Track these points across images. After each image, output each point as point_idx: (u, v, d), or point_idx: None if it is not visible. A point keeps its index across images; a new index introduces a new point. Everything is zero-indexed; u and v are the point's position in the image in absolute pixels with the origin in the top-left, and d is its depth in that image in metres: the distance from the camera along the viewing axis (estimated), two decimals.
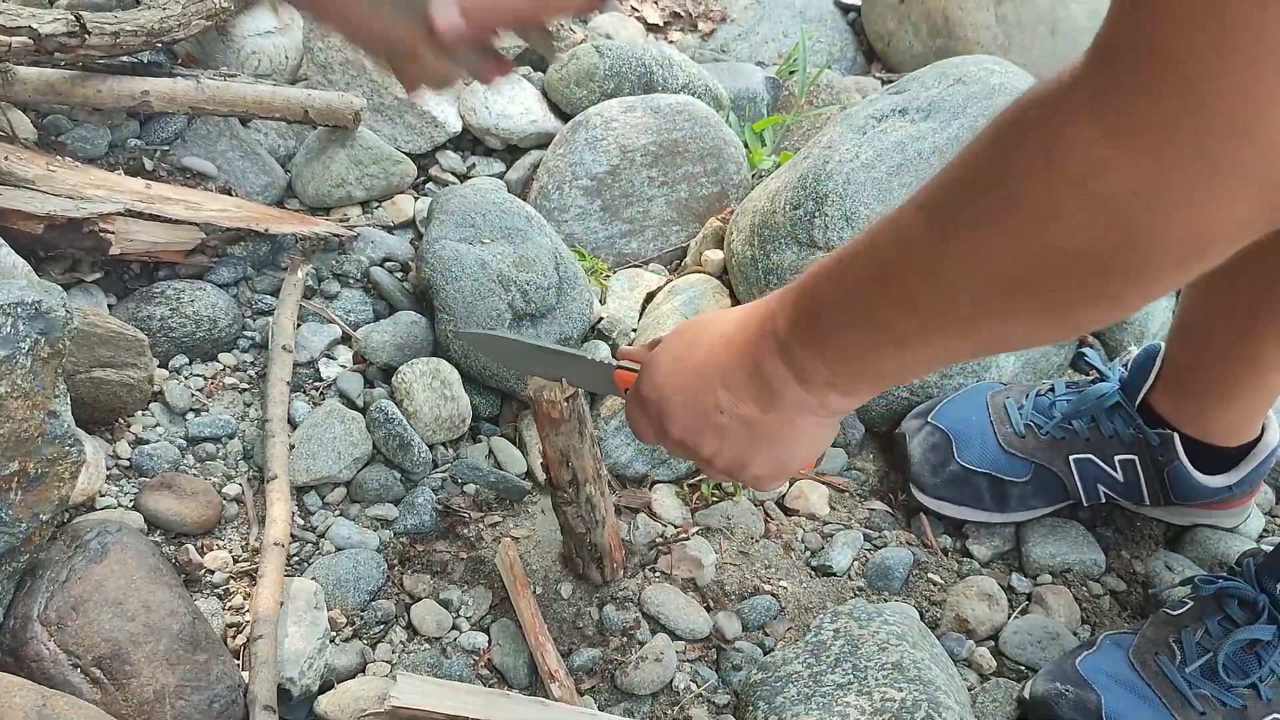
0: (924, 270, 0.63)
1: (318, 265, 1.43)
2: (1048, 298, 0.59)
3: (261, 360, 1.33)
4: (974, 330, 0.65)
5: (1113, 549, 1.38)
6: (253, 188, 1.46)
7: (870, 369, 0.72)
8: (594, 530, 1.13)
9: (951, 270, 0.62)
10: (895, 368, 0.71)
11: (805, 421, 0.78)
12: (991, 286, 0.60)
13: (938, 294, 0.63)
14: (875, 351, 0.70)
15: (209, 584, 1.12)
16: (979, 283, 0.61)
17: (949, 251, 0.61)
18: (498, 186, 1.53)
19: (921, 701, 1.07)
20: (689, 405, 0.81)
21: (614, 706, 1.13)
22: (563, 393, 0.99)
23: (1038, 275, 0.58)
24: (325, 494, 1.24)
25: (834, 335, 0.71)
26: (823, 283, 0.71)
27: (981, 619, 1.25)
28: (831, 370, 0.72)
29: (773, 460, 0.82)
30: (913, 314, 0.65)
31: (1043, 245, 0.56)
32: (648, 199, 1.56)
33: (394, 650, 1.13)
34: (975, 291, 0.61)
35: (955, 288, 0.62)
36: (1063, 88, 0.53)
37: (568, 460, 1.05)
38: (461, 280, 1.33)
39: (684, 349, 0.83)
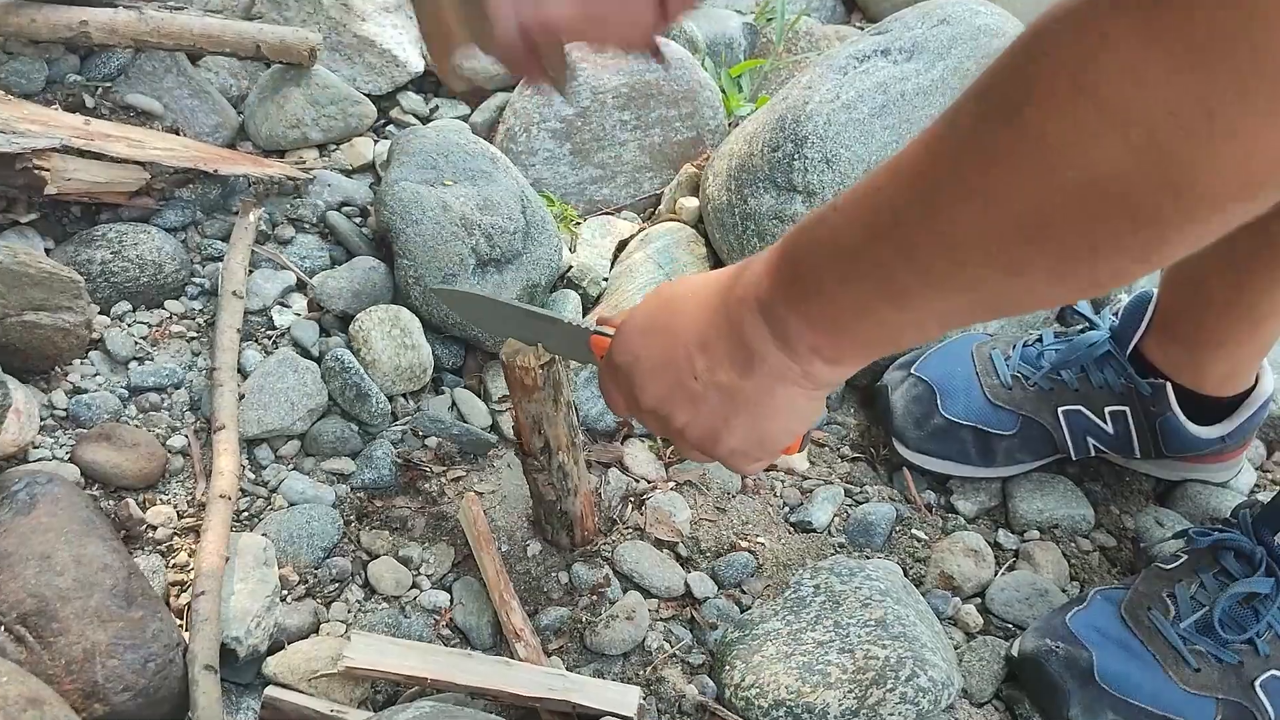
0: (927, 214, 0.55)
1: (271, 209, 1.35)
2: (1067, 247, 0.51)
3: (211, 308, 1.26)
4: (980, 285, 0.56)
5: (1101, 504, 1.33)
6: (202, 128, 1.38)
7: (860, 331, 0.64)
8: (565, 499, 1.07)
9: (959, 215, 0.53)
10: (886, 331, 0.63)
11: (787, 393, 0.70)
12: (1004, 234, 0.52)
13: (942, 242, 0.55)
14: (866, 311, 0.62)
15: (151, 540, 1.05)
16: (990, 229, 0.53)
17: (957, 193, 0.53)
18: (461, 128, 1.46)
19: (907, 659, 1.02)
20: (661, 371, 0.74)
21: (583, 667, 1.07)
22: (537, 359, 0.93)
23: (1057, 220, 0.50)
24: (278, 447, 1.17)
25: (821, 292, 0.63)
26: (811, 235, 0.64)
27: (968, 575, 1.20)
28: (817, 333, 0.65)
29: (751, 434, 0.74)
30: (912, 266, 0.57)
31: (1065, 184, 0.48)
32: (620, 143, 1.49)
33: (349, 610, 1.07)
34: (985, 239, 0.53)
35: (962, 235, 0.54)
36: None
37: (540, 428, 0.99)
38: (422, 223, 1.26)
39: (659, 311, 0.76)
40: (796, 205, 1.34)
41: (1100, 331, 1.27)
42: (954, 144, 0.54)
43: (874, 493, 1.30)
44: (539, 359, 0.93)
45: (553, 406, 0.97)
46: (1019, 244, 0.52)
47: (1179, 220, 0.47)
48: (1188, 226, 0.48)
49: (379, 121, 1.51)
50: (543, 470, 1.04)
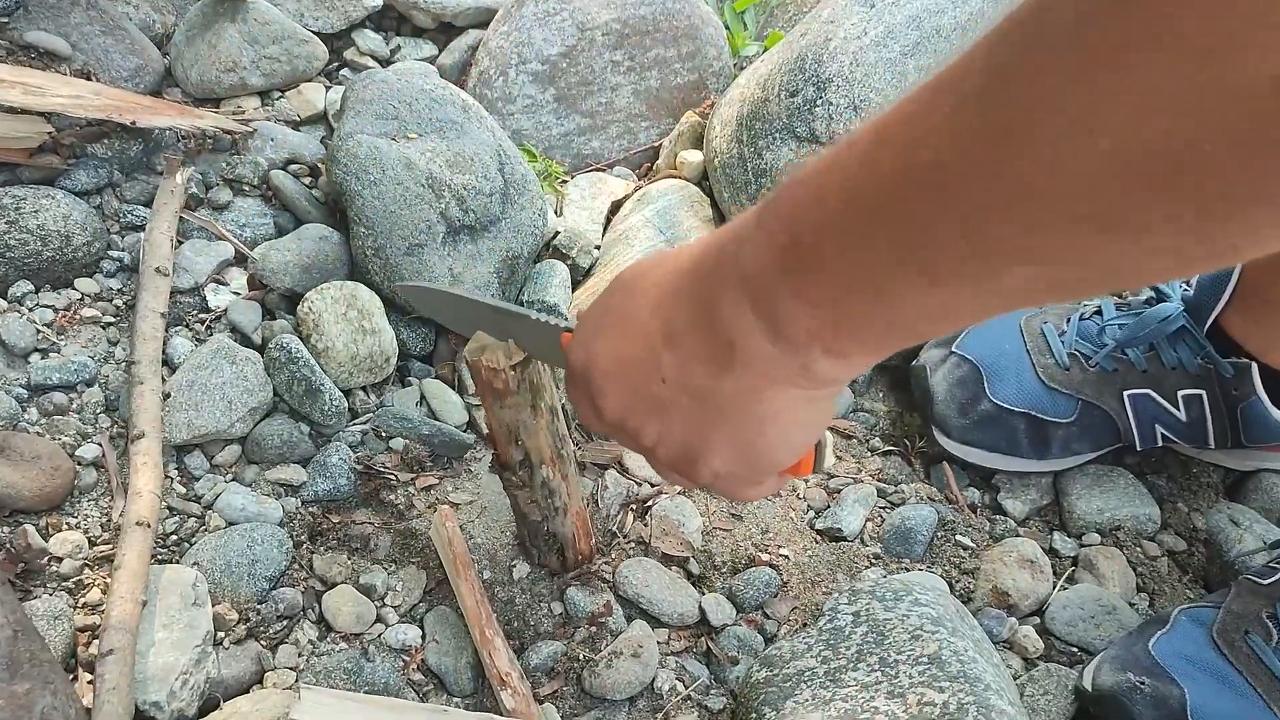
0: (992, 150, 0.37)
1: (203, 169, 1.15)
2: (1216, 177, 0.32)
3: (130, 287, 1.06)
4: (1057, 251, 0.37)
5: (1167, 501, 1.17)
6: (119, 72, 1.17)
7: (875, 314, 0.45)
8: (553, 518, 0.90)
9: (1042, 146, 0.35)
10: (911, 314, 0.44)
11: (779, 395, 0.52)
12: (1115, 170, 0.33)
13: (1011, 192, 0.36)
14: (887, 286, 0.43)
15: (55, 575, 0.87)
16: (1095, 165, 0.34)
17: (1045, 110, 0.35)
18: (428, 71, 1.26)
19: (969, 705, 0.85)
20: (621, 374, 0.57)
21: (582, 715, 0.90)
22: (508, 357, 0.74)
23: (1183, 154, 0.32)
24: (213, 454, 0.98)
25: (827, 260, 0.45)
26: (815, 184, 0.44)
27: (1024, 591, 1.04)
28: (819, 315, 0.47)
29: (736, 451, 0.55)
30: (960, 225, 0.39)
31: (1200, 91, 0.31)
32: (611, 88, 1.30)
33: (300, 653, 0.89)
34: (1081, 181, 0.34)
35: (1043, 178, 0.35)
36: None
37: (517, 438, 0.81)
38: (382, 184, 1.06)
39: (618, 297, 0.58)
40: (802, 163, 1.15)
41: (1172, 303, 1.10)
42: (1048, 36, 0.34)
43: (910, 492, 1.13)
44: (510, 357, 0.74)
45: (530, 413, 0.79)
46: (1136, 187, 0.33)
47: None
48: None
49: (331, 64, 1.31)
50: (524, 487, 0.86)
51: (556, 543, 0.93)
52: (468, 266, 1.08)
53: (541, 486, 0.86)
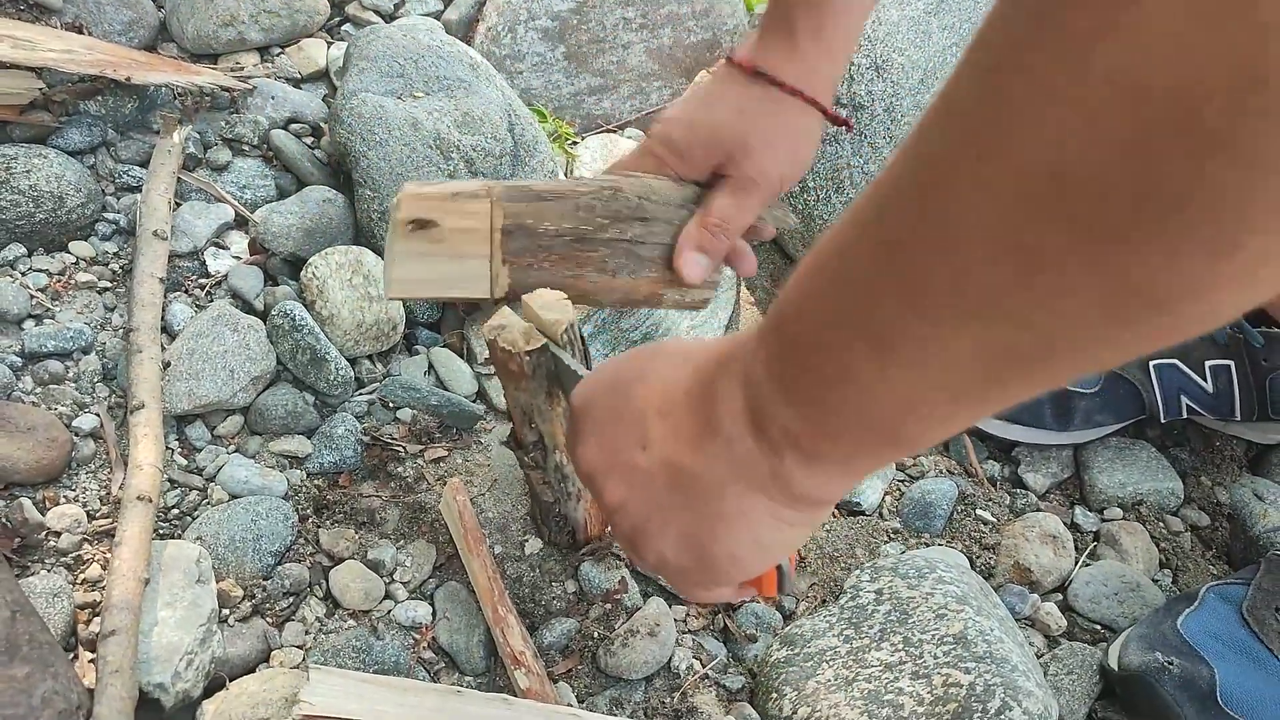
0: (914, 197, 0.36)
1: (202, 128, 1.11)
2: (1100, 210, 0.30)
3: (127, 251, 1.02)
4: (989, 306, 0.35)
5: (1190, 474, 1.15)
6: (112, 26, 1.13)
7: (843, 406, 0.42)
8: (565, 501, 0.87)
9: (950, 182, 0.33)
10: (877, 409, 0.41)
11: (746, 499, 0.49)
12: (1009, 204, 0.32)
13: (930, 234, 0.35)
14: (848, 368, 0.41)
15: (53, 551, 0.84)
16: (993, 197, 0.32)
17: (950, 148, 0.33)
18: (433, 27, 1.21)
19: (995, 686, 0.83)
20: (608, 428, 0.55)
21: (598, 695, 0.87)
22: (525, 340, 0.71)
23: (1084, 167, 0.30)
24: (215, 425, 0.95)
25: (799, 342, 0.44)
26: (797, 270, 0.44)
27: (1046, 567, 1.02)
28: (793, 407, 0.44)
29: (688, 542, 0.52)
30: (897, 282, 0.37)
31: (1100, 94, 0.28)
32: (623, 46, 1.25)
33: (307, 630, 0.86)
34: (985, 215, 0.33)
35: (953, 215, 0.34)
36: None
37: (531, 420, 0.78)
38: (387, 144, 1.02)
39: (638, 359, 0.57)
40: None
41: None
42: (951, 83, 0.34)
43: (929, 464, 1.10)
44: (527, 340, 0.71)
45: (545, 399, 0.76)
46: (1031, 204, 0.31)
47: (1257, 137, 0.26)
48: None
49: (333, 19, 1.26)
50: (537, 468, 0.83)
51: (568, 525, 0.90)
52: None
53: (555, 470, 0.83)
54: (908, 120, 1.11)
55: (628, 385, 0.55)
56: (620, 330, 1.07)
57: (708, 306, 0.91)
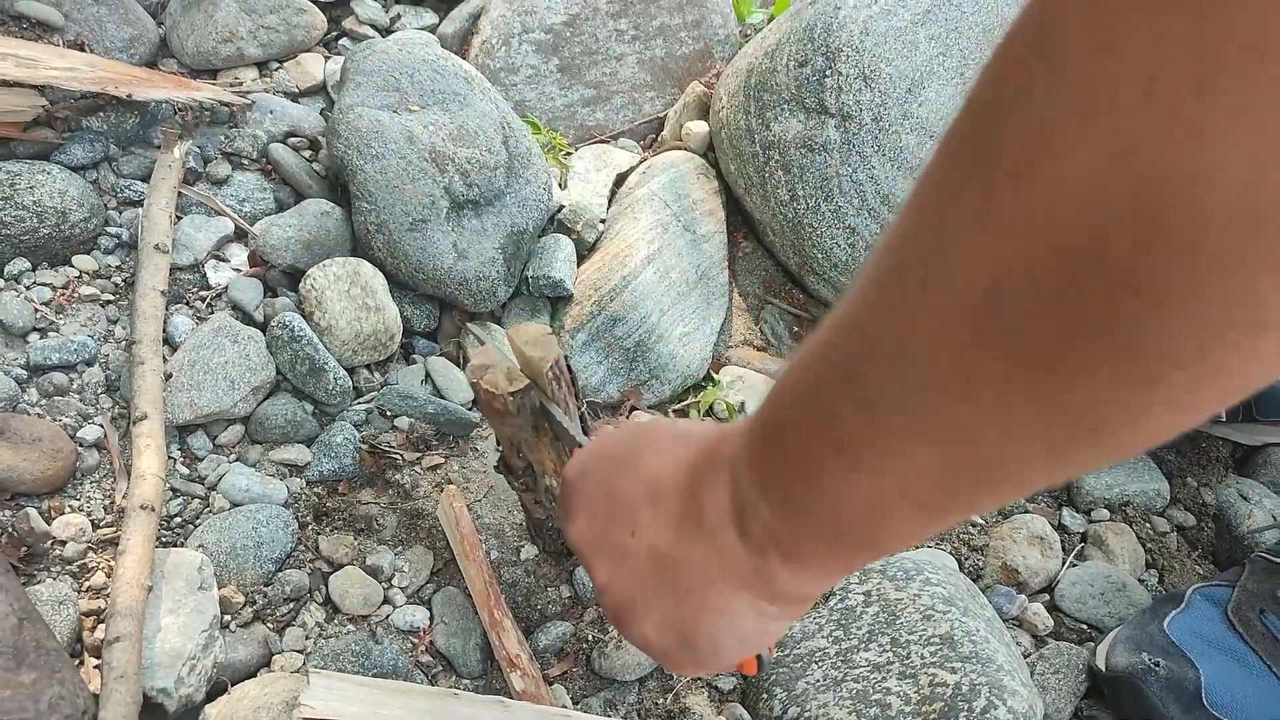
0: (863, 311, 0.38)
1: (201, 142, 1.13)
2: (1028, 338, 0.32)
3: (129, 264, 1.04)
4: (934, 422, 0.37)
5: (1176, 476, 1.17)
6: (113, 43, 1.15)
7: (817, 508, 0.43)
8: (557, 518, 0.88)
9: (895, 302, 0.36)
10: (848, 511, 0.42)
11: (729, 594, 0.50)
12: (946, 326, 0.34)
13: (873, 347, 0.38)
14: (818, 470, 0.42)
15: (58, 559, 0.85)
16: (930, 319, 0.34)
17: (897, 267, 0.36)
18: (429, 41, 1.23)
19: (981, 686, 0.85)
20: (598, 505, 0.57)
21: (592, 696, 0.89)
22: (509, 381, 0.72)
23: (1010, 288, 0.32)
24: (216, 434, 0.97)
25: (777, 444, 0.45)
26: (784, 375, 0.45)
27: (1034, 568, 1.03)
28: (772, 508, 0.46)
29: (671, 627, 0.53)
30: (851, 389, 0.39)
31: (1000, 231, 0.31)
32: (615, 58, 1.27)
33: (308, 635, 0.88)
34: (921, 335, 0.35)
35: (896, 333, 0.36)
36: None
37: (519, 450, 0.80)
38: (384, 158, 1.04)
39: (634, 438, 0.58)
40: (829, 131, 1.13)
41: None
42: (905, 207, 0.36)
43: None
44: (511, 381, 0.72)
45: (531, 433, 0.77)
46: (966, 331, 0.33)
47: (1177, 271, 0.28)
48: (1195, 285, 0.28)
49: (330, 33, 1.28)
50: (528, 490, 0.85)
51: (561, 537, 0.92)
52: (472, 242, 1.06)
53: (545, 492, 0.84)
54: (895, 130, 1.13)
55: (620, 466, 0.56)
56: (613, 338, 1.09)
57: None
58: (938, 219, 0.33)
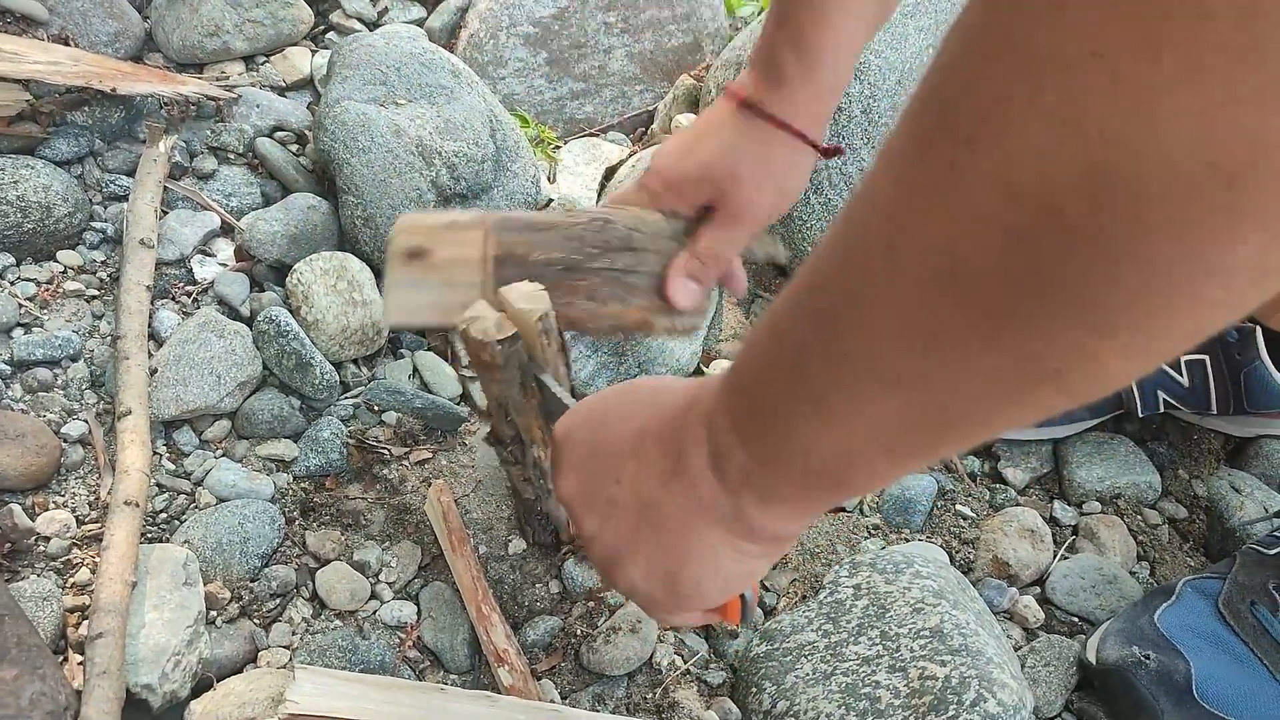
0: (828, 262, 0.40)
1: (187, 137, 1.12)
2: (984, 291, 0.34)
3: (115, 259, 1.03)
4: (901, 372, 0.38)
5: (1168, 468, 1.16)
6: (98, 37, 1.14)
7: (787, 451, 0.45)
8: (545, 499, 0.88)
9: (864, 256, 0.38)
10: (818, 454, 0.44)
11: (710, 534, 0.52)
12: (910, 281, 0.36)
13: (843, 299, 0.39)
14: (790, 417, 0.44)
15: (42, 556, 0.85)
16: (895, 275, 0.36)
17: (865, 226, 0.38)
18: (416, 35, 1.23)
19: (970, 679, 0.84)
20: (586, 461, 0.59)
21: (581, 691, 0.89)
22: (498, 330, 0.72)
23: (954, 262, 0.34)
24: (202, 429, 0.97)
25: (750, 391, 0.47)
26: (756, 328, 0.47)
27: (1025, 561, 1.03)
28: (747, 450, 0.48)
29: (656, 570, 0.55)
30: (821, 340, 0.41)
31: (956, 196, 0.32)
32: (604, 51, 1.27)
33: (294, 631, 0.88)
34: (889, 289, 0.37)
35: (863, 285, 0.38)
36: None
37: (508, 413, 0.79)
38: (370, 152, 1.03)
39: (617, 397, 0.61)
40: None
41: None
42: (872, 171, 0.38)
43: None
44: (500, 330, 0.72)
45: (519, 391, 0.76)
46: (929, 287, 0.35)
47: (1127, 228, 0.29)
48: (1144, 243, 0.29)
49: (316, 27, 1.28)
50: (517, 463, 0.85)
51: (550, 524, 0.91)
52: None
53: (534, 465, 0.84)
54: (885, 122, 1.12)
55: (606, 423, 0.58)
56: None
57: (699, 331, 0.93)
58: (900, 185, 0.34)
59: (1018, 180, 0.30)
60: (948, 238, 0.33)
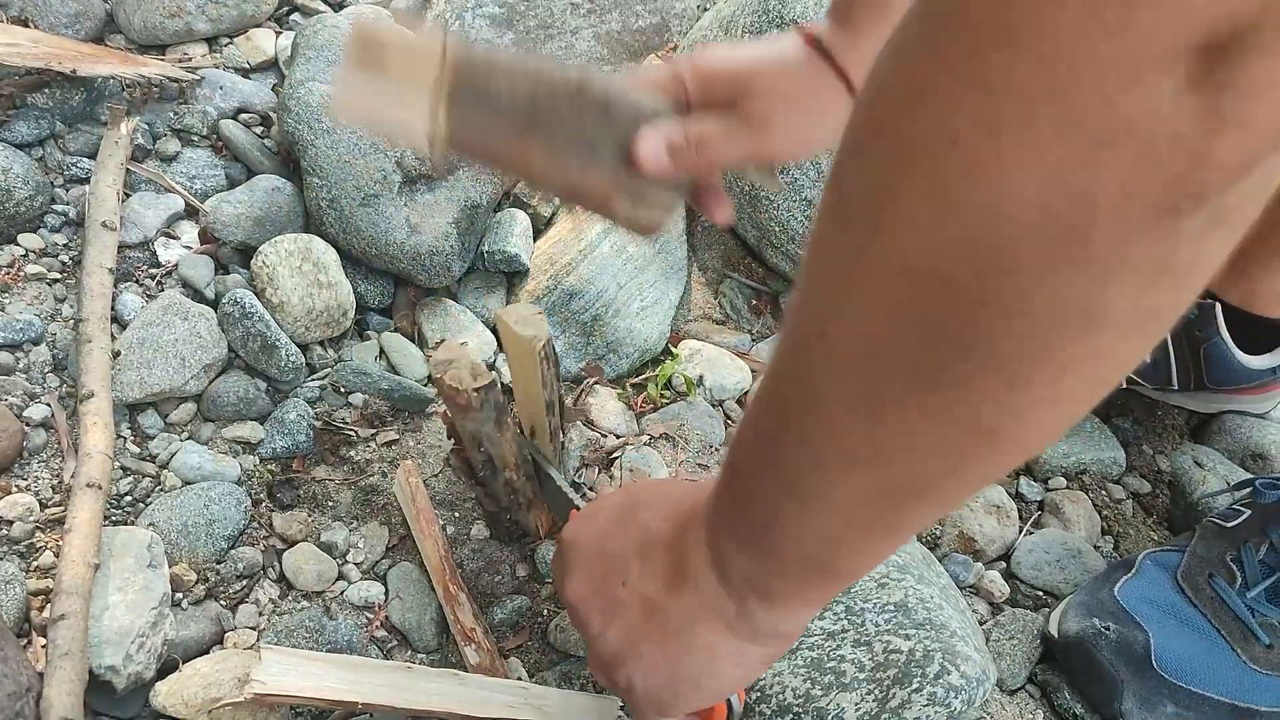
0: (783, 357, 0.45)
1: (150, 119, 1.11)
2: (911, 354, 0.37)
3: (77, 242, 1.03)
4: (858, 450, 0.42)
5: (1132, 444, 1.18)
6: (58, 18, 1.13)
7: (782, 548, 0.49)
8: (516, 510, 0.89)
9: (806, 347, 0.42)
10: (809, 548, 0.48)
11: (713, 636, 0.55)
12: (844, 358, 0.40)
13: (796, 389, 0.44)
14: (776, 513, 0.48)
15: (5, 540, 0.85)
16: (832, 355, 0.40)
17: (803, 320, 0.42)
18: (381, 16, 1.22)
19: (934, 652, 0.85)
20: (592, 564, 0.62)
21: (548, 670, 0.89)
22: (473, 378, 0.72)
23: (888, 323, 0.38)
24: (167, 412, 0.96)
25: (740, 495, 0.51)
26: (737, 430, 0.52)
27: (990, 536, 1.04)
28: (745, 555, 0.52)
29: (657, 669, 0.58)
30: (785, 432, 0.45)
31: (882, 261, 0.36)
32: (571, 31, 1.26)
33: (261, 612, 0.87)
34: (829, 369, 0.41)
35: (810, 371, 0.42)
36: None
37: (480, 444, 0.80)
38: (335, 133, 1.03)
39: (625, 500, 0.64)
40: None
41: None
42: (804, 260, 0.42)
43: None
44: (475, 378, 0.72)
45: (494, 428, 0.77)
46: (862, 365, 0.39)
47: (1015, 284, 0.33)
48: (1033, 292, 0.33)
49: (281, 8, 1.27)
50: (487, 484, 0.85)
51: (518, 528, 0.92)
52: (425, 217, 1.05)
53: (505, 485, 0.85)
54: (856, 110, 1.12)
55: (614, 525, 0.61)
56: (570, 312, 1.09)
57: (658, 233, 0.83)
58: (822, 274, 0.39)
59: (912, 261, 0.33)
60: (867, 319, 0.36)
